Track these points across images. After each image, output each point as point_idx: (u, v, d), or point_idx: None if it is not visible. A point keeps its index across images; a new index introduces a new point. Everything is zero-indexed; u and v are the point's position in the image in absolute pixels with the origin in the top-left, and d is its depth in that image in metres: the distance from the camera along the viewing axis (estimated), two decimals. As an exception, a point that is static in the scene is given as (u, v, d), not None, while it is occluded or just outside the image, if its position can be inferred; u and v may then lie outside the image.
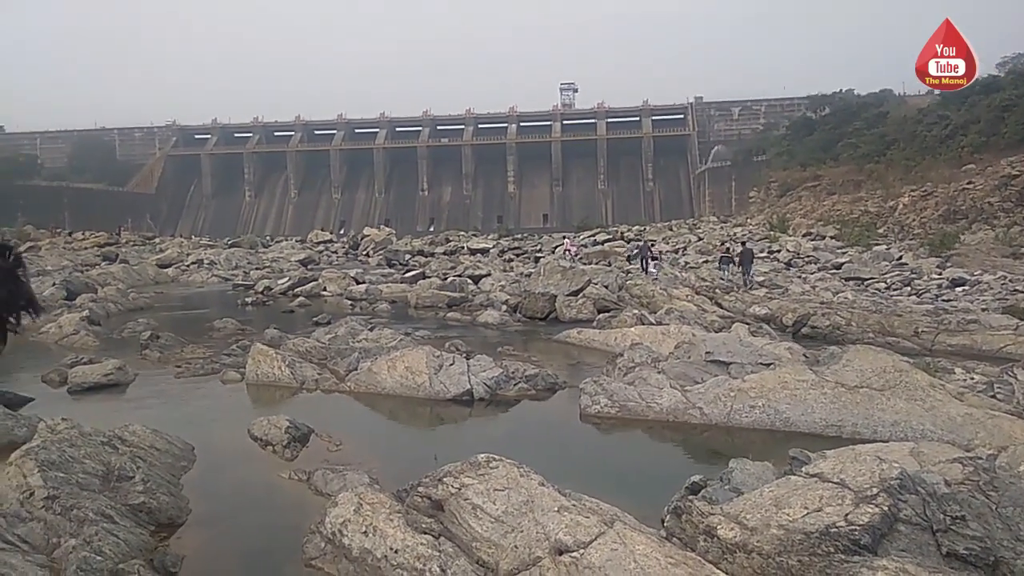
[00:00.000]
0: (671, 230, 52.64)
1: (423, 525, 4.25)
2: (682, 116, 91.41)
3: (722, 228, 51.60)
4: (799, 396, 6.99)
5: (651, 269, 24.72)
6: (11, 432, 6.47)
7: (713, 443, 6.81)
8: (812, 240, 39.67)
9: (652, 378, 7.92)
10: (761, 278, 24.57)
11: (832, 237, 40.17)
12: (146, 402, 8.30)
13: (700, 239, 43.29)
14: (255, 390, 8.87)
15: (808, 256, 33.07)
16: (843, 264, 29.15)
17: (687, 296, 16.93)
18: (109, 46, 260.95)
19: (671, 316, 13.64)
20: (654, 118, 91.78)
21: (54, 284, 19.28)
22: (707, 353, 8.31)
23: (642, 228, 53.72)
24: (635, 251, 30.16)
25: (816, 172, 54.87)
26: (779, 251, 35.02)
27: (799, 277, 26.10)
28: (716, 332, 11.55)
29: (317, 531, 4.43)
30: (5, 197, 64.09)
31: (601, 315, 14.58)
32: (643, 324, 12.81)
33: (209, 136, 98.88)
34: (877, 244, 35.57)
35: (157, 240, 47.94)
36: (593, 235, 47.48)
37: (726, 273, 24.48)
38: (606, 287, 17.39)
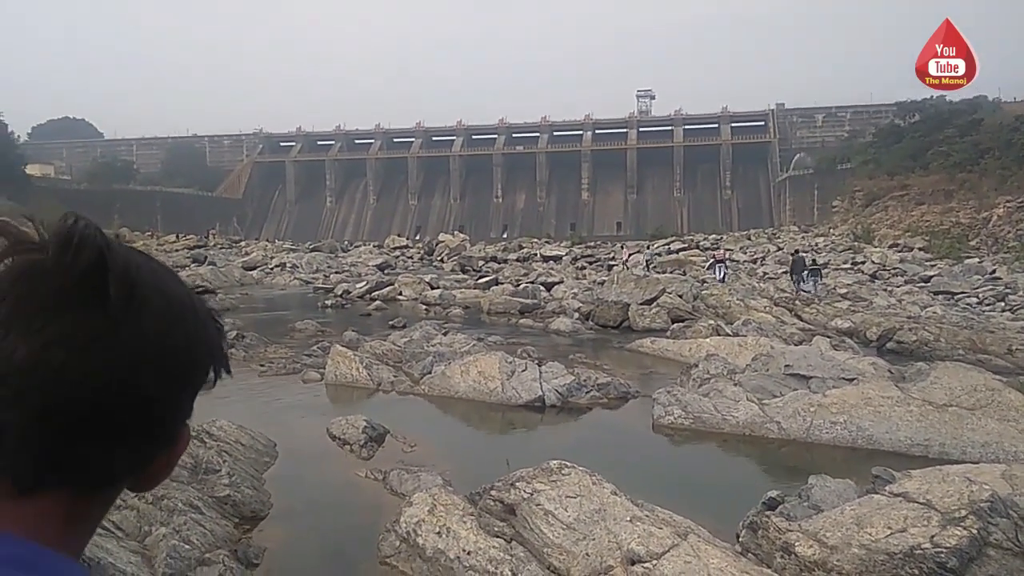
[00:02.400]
0: (749, 239, 51.47)
1: (495, 528, 4.30)
2: (762, 123, 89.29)
3: (803, 238, 50.16)
4: (883, 413, 6.75)
5: (715, 275, 24.73)
6: (108, 424, 6.85)
7: (791, 459, 6.64)
8: (899, 252, 38.19)
9: (728, 390, 7.78)
10: (844, 290, 23.80)
11: (920, 249, 38.58)
12: (232, 399, 8.63)
13: (780, 249, 42.19)
14: (334, 390, 9.13)
15: (894, 268, 31.83)
16: (932, 277, 27.96)
17: (765, 307, 16.53)
18: (201, 57, 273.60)
19: (748, 327, 13.34)
20: (733, 125, 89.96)
21: (148, 284, 20.23)
22: (786, 366, 8.11)
23: (719, 237, 52.72)
24: (712, 261, 29.84)
25: (904, 181, 52.77)
26: (864, 262, 33.83)
27: (884, 290, 25.14)
28: (795, 345, 11.24)
29: (392, 530, 4.53)
30: (103, 200, 67.71)
31: (675, 325, 14.39)
32: (719, 335, 12.58)
33: (293, 144, 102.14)
34: (969, 257, 33.96)
35: (243, 243, 49.78)
36: (668, 243, 46.91)
37: (809, 285, 23.84)
38: (680, 296, 17.12)
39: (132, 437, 0.60)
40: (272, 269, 31.98)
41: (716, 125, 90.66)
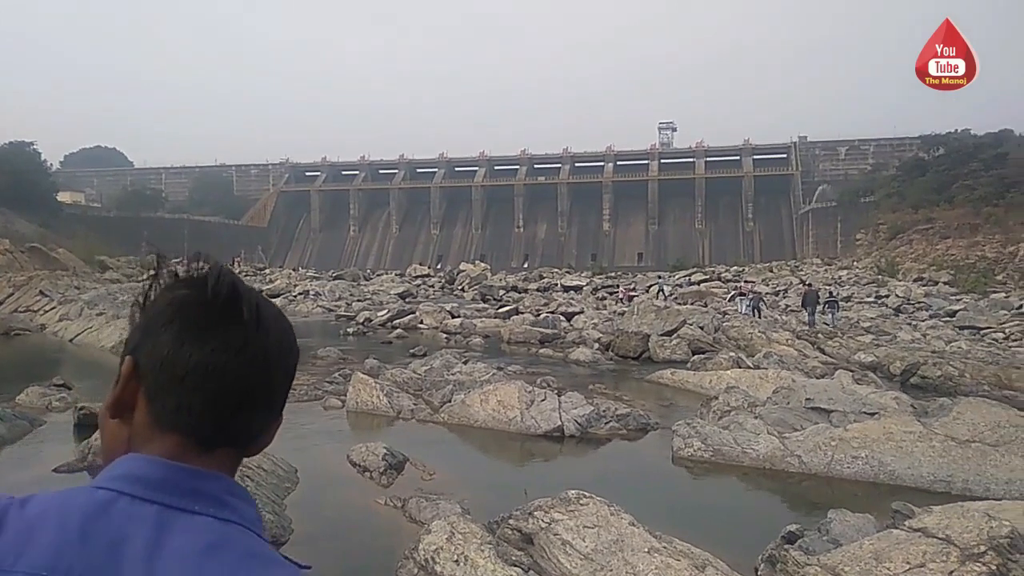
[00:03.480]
0: (771, 271, 51.18)
1: (513, 558, 4.31)
2: (785, 155, 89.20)
3: (826, 270, 49.81)
4: (905, 448, 6.69)
5: (739, 308, 24.38)
6: (134, 446, 6.98)
7: (812, 493, 6.58)
8: (923, 286, 37.78)
9: (748, 423, 7.74)
10: (868, 323, 23.60)
11: (945, 283, 38.19)
12: (254, 424, 8.72)
13: (802, 282, 41.91)
14: (354, 417, 9.20)
15: (919, 302, 31.50)
16: (957, 312, 27.60)
17: (787, 340, 16.41)
18: (228, 88, 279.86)
19: (770, 360, 13.26)
20: (755, 157, 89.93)
21: (174, 310, 20.54)
22: (807, 400, 8.06)
23: (741, 269, 52.50)
24: (733, 293, 29.69)
25: (928, 215, 52.40)
26: (887, 296, 33.50)
27: (909, 324, 24.85)
28: (818, 378, 11.16)
29: (411, 557, 4.56)
30: (133, 227, 68.85)
31: (696, 356, 14.33)
32: (739, 367, 12.52)
33: (319, 173, 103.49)
34: (995, 292, 33.54)
35: (267, 271, 50.35)
36: (688, 275, 46.79)
37: (828, 317, 23.72)
38: (701, 328, 17.08)
39: (262, 414, 0.87)
40: (296, 297, 32.32)
41: (738, 157, 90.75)
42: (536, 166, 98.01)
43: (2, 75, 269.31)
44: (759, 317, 22.85)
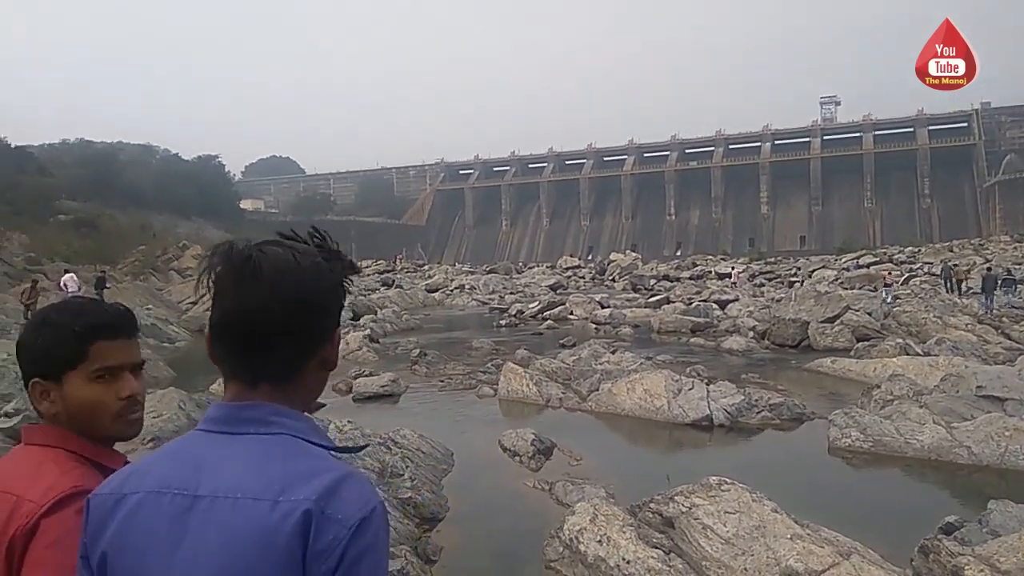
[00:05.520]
0: (951, 251, 47.03)
1: (654, 540, 4.43)
2: (965, 124, 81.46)
3: (1015, 248, 45.09)
4: (1093, 440, 6.11)
5: (884, 296, 22.40)
6: (310, 431, 7.71)
7: (981, 486, 6.17)
8: None
9: (912, 412, 7.35)
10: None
11: None
12: (414, 410, 9.35)
13: (988, 261, 38.24)
14: (506, 405, 9.60)
15: None
16: None
17: (967, 325, 15.18)
18: (389, 94, 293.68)
19: (942, 347, 12.36)
20: (930, 128, 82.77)
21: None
22: (978, 387, 7.52)
23: (916, 249, 48.64)
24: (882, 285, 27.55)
25: None
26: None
27: (1116, 305, 22.10)
28: (996, 365, 10.30)
29: (556, 536, 4.79)
30: (305, 230, 74.19)
31: (860, 343, 13.60)
32: (907, 354, 11.78)
33: (472, 171, 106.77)
34: None
35: (426, 267, 52.66)
36: (856, 257, 43.98)
37: (1006, 298, 21.65)
38: (869, 314, 16.15)
39: (282, 350, 1.02)
40: (452, 291, 33.65)
41: (911, 129, 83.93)
42: (687, 151, 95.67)
43: (193, 95, 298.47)
44: (949, 292, 21.71)
